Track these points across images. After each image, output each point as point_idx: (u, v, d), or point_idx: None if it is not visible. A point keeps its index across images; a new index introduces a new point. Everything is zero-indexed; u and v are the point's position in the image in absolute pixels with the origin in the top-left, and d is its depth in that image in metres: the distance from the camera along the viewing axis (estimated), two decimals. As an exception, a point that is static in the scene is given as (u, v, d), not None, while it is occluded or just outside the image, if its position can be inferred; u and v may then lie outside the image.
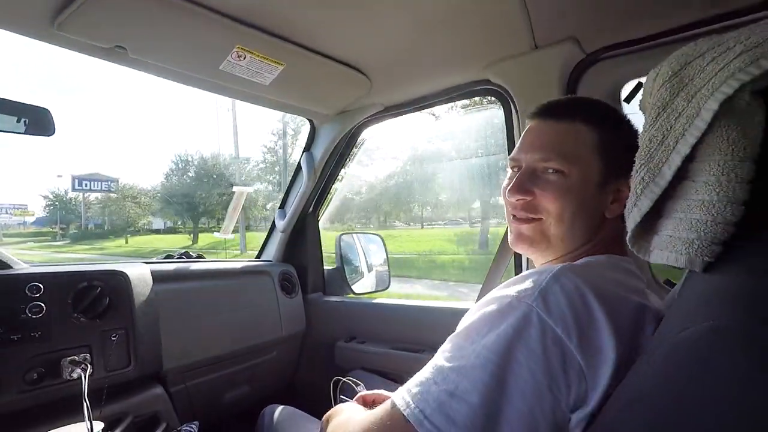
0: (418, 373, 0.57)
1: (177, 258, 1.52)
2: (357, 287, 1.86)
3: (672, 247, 0.48)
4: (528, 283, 0.55)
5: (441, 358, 0.55)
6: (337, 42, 1.10)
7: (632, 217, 0.55)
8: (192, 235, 29.91)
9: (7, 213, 49.85)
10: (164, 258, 1.52)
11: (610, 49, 0.97)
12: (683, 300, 0.48)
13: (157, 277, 1.21)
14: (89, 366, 0.95)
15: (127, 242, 31.27)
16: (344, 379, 1.16)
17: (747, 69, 0.43)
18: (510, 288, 0.56)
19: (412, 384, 0.55)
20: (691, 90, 0.47)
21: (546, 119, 0.72)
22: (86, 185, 39.64)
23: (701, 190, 0.46)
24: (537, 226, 0.69)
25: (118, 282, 1.09)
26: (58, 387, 0.94)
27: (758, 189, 0.44)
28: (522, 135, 0.75)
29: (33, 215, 49.55)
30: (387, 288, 1.92)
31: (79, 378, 0.91)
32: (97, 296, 1.03)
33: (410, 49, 1.12)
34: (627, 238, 0.56)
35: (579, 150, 0.67)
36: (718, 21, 0.85)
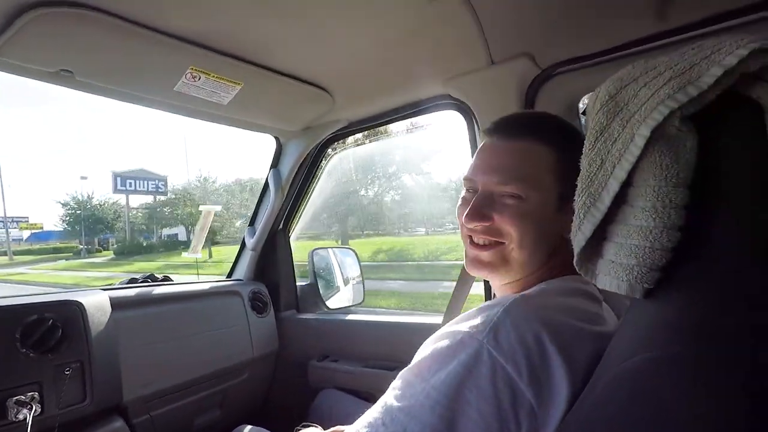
0: (368, 411, 0.55)
1: (141, 281, 1.48)
2: (331, 302, 1.83)
3: (614, 273, 0.48)
4: (481, 318, 0.54)
5: (391, 396, 0.54)
6: (296, 60, 1.08)
7: (577, 242, 0.55)
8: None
9: (4, 227, 39.77)
10: (127, 282, 1.47)
11: (564, 64, 0.98)
12: (626, 327, 0.47)
13: (117, 304, 1.17)
14: (38, 405, 0.91)
15: (211, 256, 22.32)
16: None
17: (675, 96, 0.43)
18: (462, 323, 0.55)
19: (362, 425, 0.53)
20: (625, 115, 0.47)
21: (501, 138, 0.69)
22: (131, 185, 32.40)
23: (639, 216, 0.46)
24: (498, 251, 0.66)
25: (71, 312, 1.04)
26: (2, 431, 0.89)
27: (693, 215, 0.44)
28: (476, 153, 0.72)
29: (41, 227, 42.36)
30: (362, 302, 1.90)
31: (26, 419, 0.86)
32: (48, 329, 0.98)
33: (370, 66, 1.12)
34: (574, 262, 0.56)
35: (536, 172, 0.65)
36: (667, 36, 0.86)
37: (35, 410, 0.89)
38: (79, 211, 33.37)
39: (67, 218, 34.10)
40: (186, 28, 0.90)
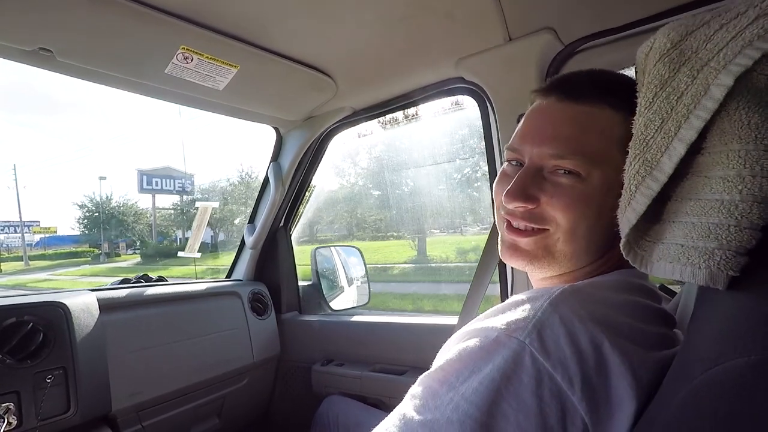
0: (383, 423, 0.46)
1: (134, 282, 1.40)
2: (335, 303, 1.75)
3: (686, 258, 0.39)
4: (519, 312, 0.44)
5: (410, 406, 0.44)
6: (296, 41, 1.00)
7: (626, 219, 0.46)
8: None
9: (15, 231, 37.62)
10: (119, 283, 1.39)
11: (589, 38, 0.90)
12: (702, 325, 0.38)
13: (106, 306, 1.08)
14: (14, 417, 0.82)
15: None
16: None
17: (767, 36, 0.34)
18: (497, 318, 0.46)
19: None
20: (696, 64, 0.39)
21: (563, 98, 0.54)
22: (157, 184, 29.50)
23: (718, 188, 0.37)
24: (540, 240, 0.54)
25: (54, 315, 0.96)
26: None
27: None
28: (525, 117, 0.58)
29: (55, 231, 40.45)
30: (367, 302, 1.82)
31: (-1, 433, 0.78)
32: (27, 333, 0.90)
33: (375, 47, 1.03)
34: (621, 245, 0.47)
35: (604, 145, 0.51)
36: (706, 3, 0.77)
37: (11, 423, 0.81)
38: (96, 214, 31.28)
39: (84, 221, 32.17)
40: (176, 2, 0.83)
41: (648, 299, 0.50)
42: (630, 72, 0.90)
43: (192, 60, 0.96)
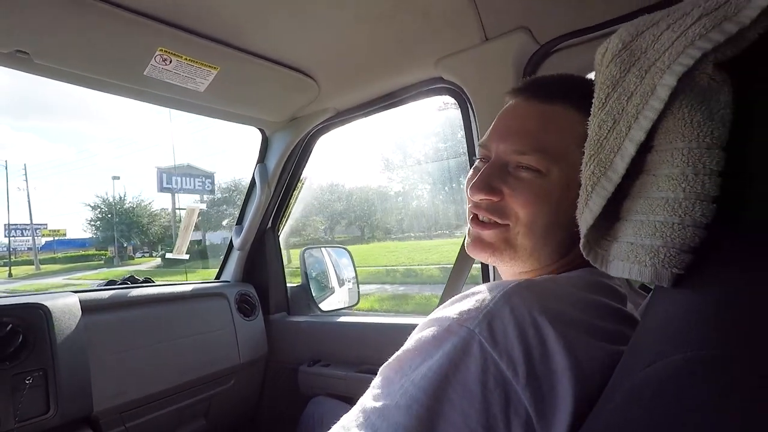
0: (345, 416, 0.47)
1: (120, 283, 1.40)
2: (324, 305, 1.75)
3: (634, 257, 0.39)
4: (473, 302, 0.45)
5: (369, 396, 0.46)
6: (276, 43, 1.00)
7: (584, 220, 0.46)
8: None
9: (23, 234, 35.59)
10: (106, 284, 1.39)
11: (565, 38, 0.90)
12: (649, 323, 0.39)
13: (88, 308, 1.08)
14: (-10, 419, 0.82)
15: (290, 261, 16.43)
16: None
17: (709, 35, 0.35)
18: (452, 307, 0.47)
19: (337, 429, 0.45)
20: (644, 64, 0.39)
21: (529, 98, 0.57)
22: (177, 183, 27.65)
23: (664, 186, 0.38)
24: (501, 233, 0.56)
25: (34, 317, 0.96)
26: None
27: (730, 183, 0.36)
28: (497, 116, 0.61)
29: (64, 234, 39.40)
30: (357, 304, 1.82)
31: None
32: (6, 335, 0.90)
33: (357, 47, 1.04)
34: (580, 245, 0.47)
35: (563, 143, 0.53)
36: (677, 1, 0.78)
37: None
38: (109, 215, 30.44)
39: (97, 223, 31.25)
40: (152, 4, 0.83)
41: (608, 298, 0.50)
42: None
43: (171, 62, 0.96)
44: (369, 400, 0.45)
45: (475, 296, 0.46)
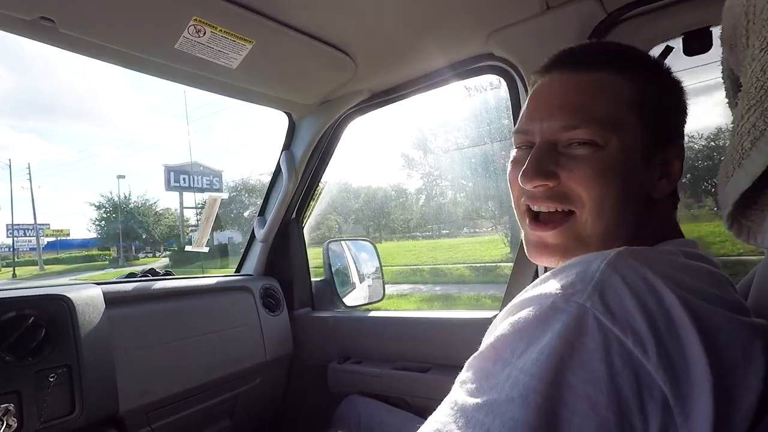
0: (430, 418, 0.40)
1: (141, 275, 1.33)
2: (348, 300, 1.68)
3: None
4: (572, 275, 0.38)
5: (461, 391, 0.38)
6: (314, 16, 0.93)
7: (734, 184, 0.39)
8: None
9: (26, 235, 34.57)
10: (126, 277, 1.32)
11: (635, 5, 0.83)
12: None
13: (111, 300, 1.01)
14: (14, 419, 0.75)
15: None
16: None
17: None
18: (547, 284, 0.40)
19: None
20: None
21: (564, 71, 0.53)
22: (184, 181, 27.00)
23: None
24: (568, 228, 0.51)
25: (57, 309, 0.89)
26: None
27: None
28: (528, 99, 0.56)
29: (68, 234, 38.66)
30: (381, 299, 1.75)
31: (-2, 436, 0.71)
32: (28, 328, 0.83)
33: (399, 21, 0.96)
34: (723, 215, 0.40)
35: (616, 110, 0.49)
36: None
37: (11, 425, 0.74)
38: (114, 215, 29.47)
39: (101, 222, 30.41)
40: None
41: (712, 267, 0.43)
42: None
43: (204, 33, 0.89)
44: (463, 396, 0.38)
45: (573, 269, 0.40)
